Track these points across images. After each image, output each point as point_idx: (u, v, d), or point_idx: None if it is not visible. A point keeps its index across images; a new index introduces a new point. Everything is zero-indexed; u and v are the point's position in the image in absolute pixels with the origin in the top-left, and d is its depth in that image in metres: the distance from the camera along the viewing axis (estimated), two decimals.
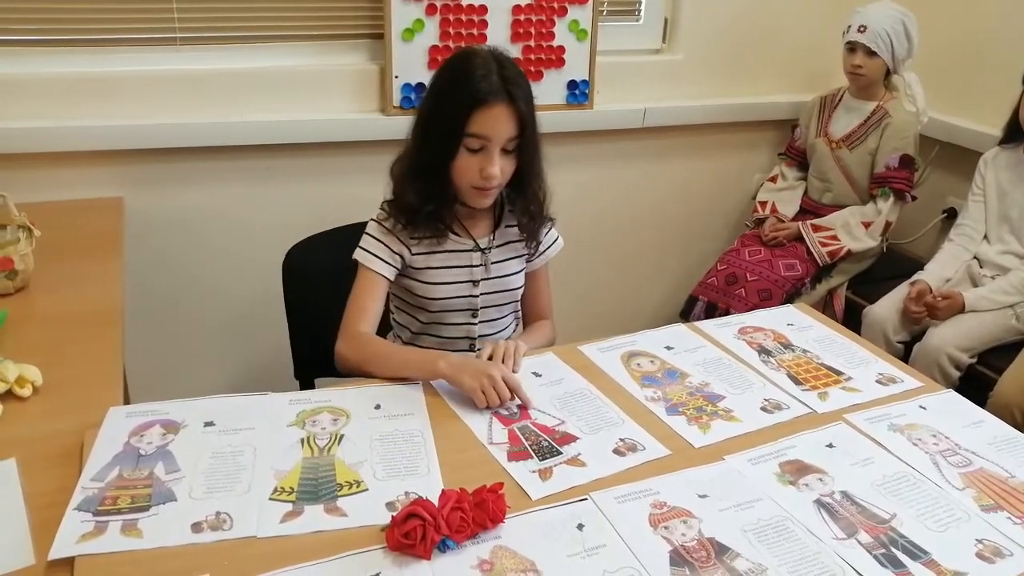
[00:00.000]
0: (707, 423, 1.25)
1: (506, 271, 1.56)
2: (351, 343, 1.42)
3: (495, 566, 0.96)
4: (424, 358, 1.35)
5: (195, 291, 2.24)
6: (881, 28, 2.34)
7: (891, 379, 1.41)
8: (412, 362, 1.36)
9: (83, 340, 1.40)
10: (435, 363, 1.31)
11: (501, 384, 1.26)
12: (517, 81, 1.38)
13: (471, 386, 1.26)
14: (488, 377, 1.26)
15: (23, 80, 1.92)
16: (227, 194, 2.17)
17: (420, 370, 1.33)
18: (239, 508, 1.02)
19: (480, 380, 1.26)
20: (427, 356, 1.36)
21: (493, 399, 1.25)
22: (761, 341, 1.51)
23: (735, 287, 2.42)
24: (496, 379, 1.26)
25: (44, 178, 1.97)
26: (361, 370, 1.39)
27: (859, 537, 1.03)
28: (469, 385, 1.26)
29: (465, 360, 1.31)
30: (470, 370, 1.28)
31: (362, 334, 1.43)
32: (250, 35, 2.11)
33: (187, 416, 1.19)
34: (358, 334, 1.42)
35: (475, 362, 1.31)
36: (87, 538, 0.95)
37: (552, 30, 2.30)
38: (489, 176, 1.39)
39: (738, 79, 2.67)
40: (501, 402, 1.26)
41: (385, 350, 1.41)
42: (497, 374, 1.26)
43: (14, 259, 1.51)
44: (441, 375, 1.30)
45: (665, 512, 1.05)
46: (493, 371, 1.26)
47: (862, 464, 1.18)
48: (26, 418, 1.19)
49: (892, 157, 2.41)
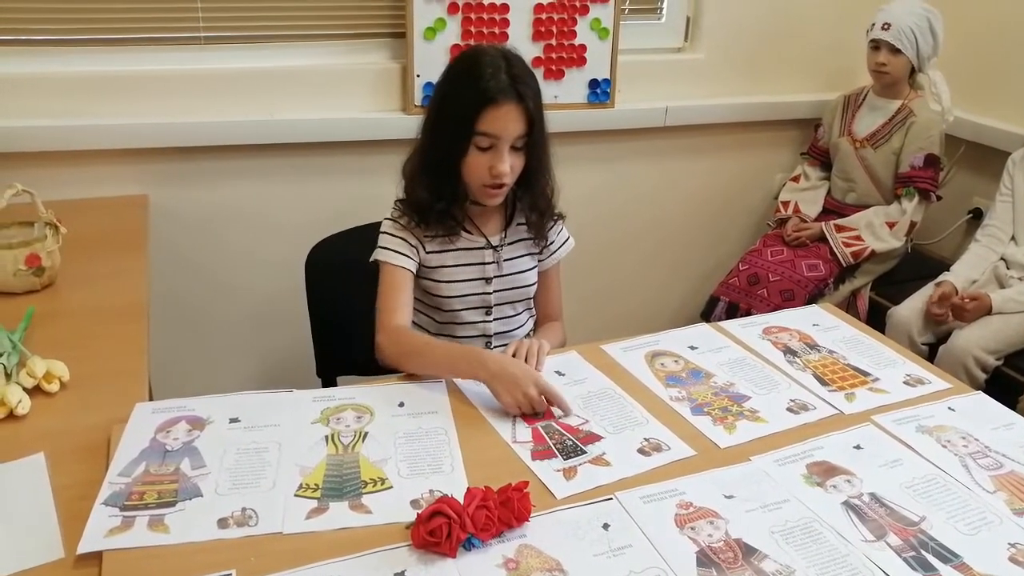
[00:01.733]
0: (732, 423, 1.24)
1: (519, 268, 1.56)
2: (390, 336, 1.40)
3: (520, 565, 0.95)
4: (462, 357, 1.33)
5: (217, 288, 2.25)
6: (906, 25, 2.31)
7: (919, 380, 1.39)
8: (451, 359, 1.34)
9: (109, 336, 1.41)
10: (473, 367, 1.29)
11: (538, 401, 1.24)
12: (525, 79, 1.38)
13: (507, 402, 1.24)
14: (525, 395, 1.23)
15: (50, 79, 1.94)
16: (250, 192, 2.19)
17: (460, 371, 1.32)
18: (265, 504, 1.02)
19: (516, 397, 1.24)
20: (465, 355, 1.33)
21: (528, 411, 1.24)
22: (786, 341, 1.50)
23: (757, 288, 2.40)
24: (533, 398, 1.23)
25: (70, 176, 1.99)
26: (399, 364, 1.37)
27: (888, 540, 1.02)
28: (505, 401, 1.24)
29: (503, 368, 1.27)
30: (508, 383, 1.25)
31: (400, 327, 1.42)
32: (273, 34, 2.13)
33: (212, 412, 1.20)
34: (396, 328, 1.41)
35: (512, 370, 1.26)
36: (115, 532, 0.96)
37: (574, 29, 2.30)
38: (499, 174, 1.39)
39: (760, 78, 2.65)
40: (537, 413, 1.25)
41: (423, 345, 1.41)
42: (534, 392, 1.24)
43: (41, 256, 1.52)
44: (479, 380, 1.29)
45: (691, 512, 1.05)
46: (530, 390, 1.23)
47: (890, 466, 1.16)
48: (54, 413, 1.20)
49: (917, 156, 2.38)
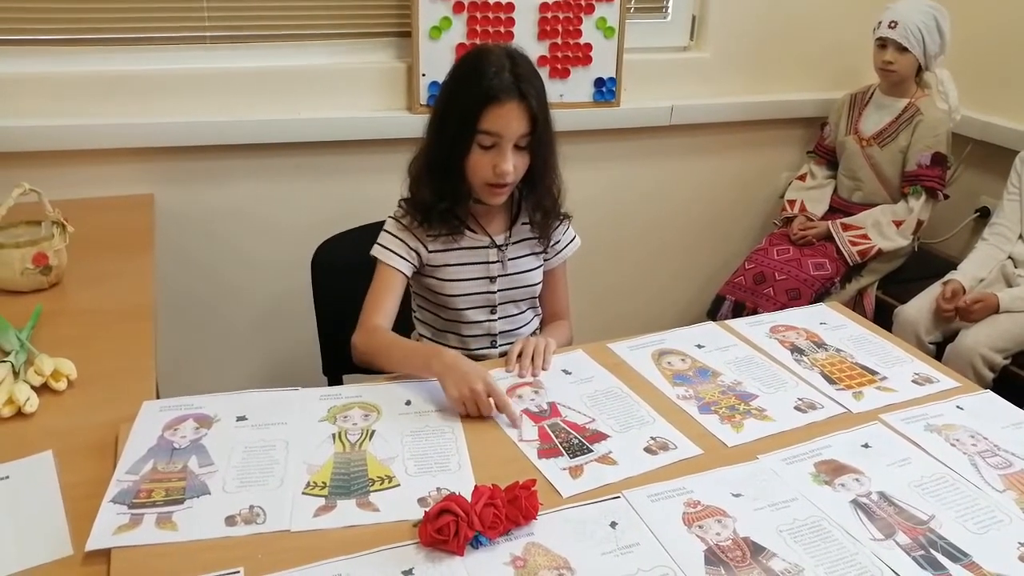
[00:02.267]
0: (740, 422, 1.24)
1: (523, 267, 1.56)
2: (364, 336, 1.42)
3: (528, 563, 0.95)
4: (417, 354, 1.34)
5: (222, 287, 2.25)
6: (913, 24, 2.30)
7: (927, 379, 1.39)
8: (409, 357, 1.34)
9: (116, 335, 1.42)
10: (429, 360, 1.29)
11: (483, 399, 1.21)
12: (529, 78, 1.37)
13: (453, 396, 1.23)
14: (471, 390, 1.21)
15: (57, 78, 1.94)
16: (256, 191, 2.19)
17: (416, 366, 1.32)
18: (272, 502, 1.02)
19: (462, 390, 1.22)
20: (422, 352, 1.34)
21: (473, 411, 1.22)
22: (794, 340, 1.49)
23: (763, 286, 2.39)
24: (478, 393, 1.21)
25: (76, 175, 2.00)
26: (369, 363, 1.39)
27: (897, 538, 1.01)
28: (451, 393, 1.23)
29: (456, 362, 1.27)
30: (456, 377, 1.24)
31: (376, 327, 1.42)
32: (279, 34, 2.13)
33: (219, 411, 1.20)
34: (372, 327, 1.42)
35: (464, 367, 1.26)
36: (123, 530, 0.96)
37: (579, 28, 2.29)
38: (502, 173, 1.39)
39: (766, 76, 2.64)
40: (482, 416, 1.22)
41: (389, 343, 1.40)
42: (481, 388, 1.21)
43: (48, 254, 1.53)
44: (433, 374, 1.28)
45: (699, 511, 1.04)
46: (477, 384, 1.22)
47: (899, 465, 1.16)
48: (61, 411, 1.21)
49: (924, 155, 2.38)
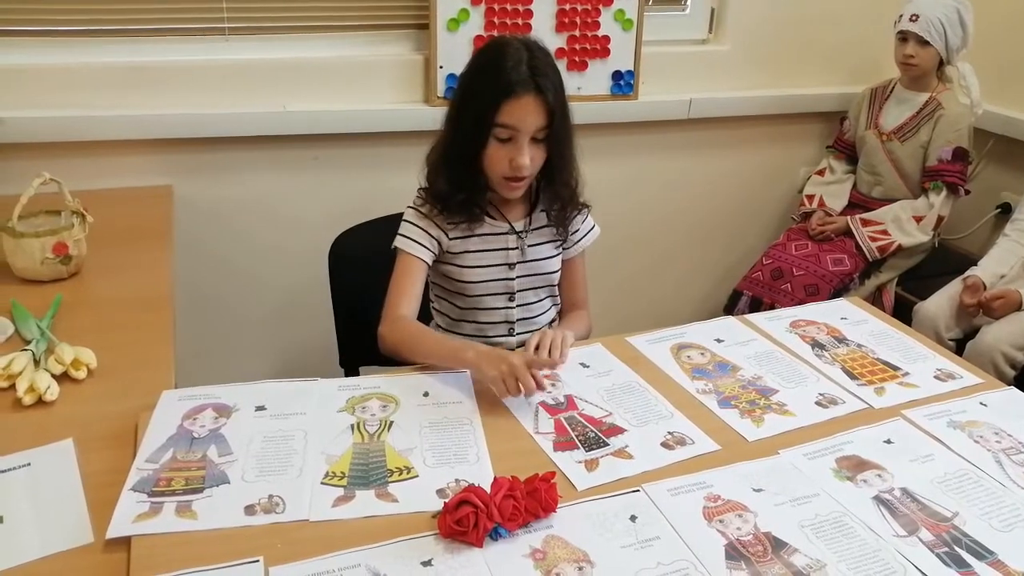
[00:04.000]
0: (760, 417, 1.23)
1: (541, 255, 1.56)
2: (391, 326, 1.41)
3: (547, 555, 0.95)
4: (451, 347, 1.34)
5: (240, 279, 2.26)
6: (934, 17, 2.28)
7: (949, 375, 1.37)
8: (440, 348, 1.34)
9: (135, 324, 1.42)
10: (461, 351, 1.29)
11: (523, 372, 1.20)
12: (546, 71, 1.36)
13: (491, 374, 1.22)
14: (508, 364, 1.20)
15: (77, 70, 1.95)
16: (274, 183, 2.19)
17: (448, 358, 1.32)
18: (291, 491, 1.02)
19: (500, 367, 1.21)
20: (454, 345, 1.35)
21: (513, 388, 1.20)
22: (814, 335, 1.48)
23: (781, 282, 2.38)
24: (517, 367, 1.20)
25: (96, 166, 2.00)
26: (397, 353, 1.39)
27: (920, 535, 1.00)
28: (490, 375, 1.22)
29: (491, 349, 1.28)
30: (493, 357, 1.24)
31: (402, 317, 1.42)
32: (297, 26, 2.13)
33: (239, 400, 1.20)
34: (398, 317, 1.42)
35: (500, 351, 1.27)
36: (143, 518, 0.97)
37: (597, 20, 2.28)
38: (518, 166, 1.38)
39: (785, 70, 2.62)
40: (524, 392, 1.21)
41: (418, 334, 1.40)
42: (519, 362, 1.20)
43: (68, 244, 1.54)
44: (467, 364, 1.28)
45: (719, 505, 1.03)
46: (515, 359, 1.21)
47: (921, 461, 1.14)
48: (82, 400, 1.21)
49: (945, 150, 2.35)
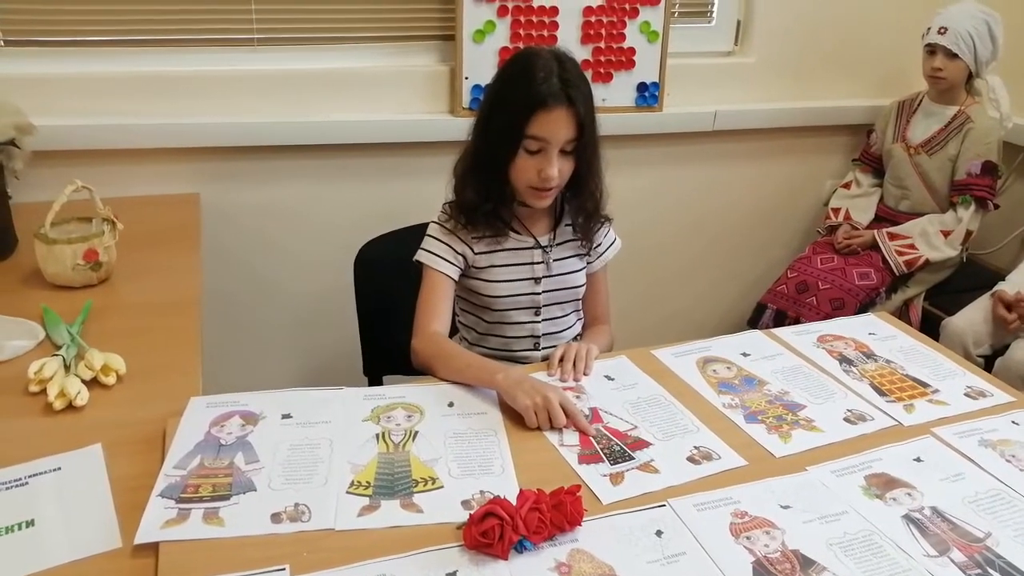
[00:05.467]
0: (788, 432, 1.22)
1: (567, 269, 1.56)
2: (425, 341, 1.42)
3: (573, 569, 0.94)
4: (484, 367, 1.32)
5: (265, 286, 2.27)
6: (963, 29, 2.26)
7: (980, 393, 1.35)
8: (472, 368, 1.33)
9: (163, 331, 1.43)
10: (494, 374, 1.27)
11: (557, 408, 1.19)
12: (577, 83, 1.36)
13: (524, 404, 1.20)
14: (543, 398, 1.20)
15: (108, 78, 1.98)
16: (300, 192, 2.21)
17: (478, 378, 1.30)
18: (317, 500, 1.02)
19: (534, 398, 1.20)
20: (487, 365, 1.32)
21: (544, 421, 1.19)
22: (842, 350, 1.47)
23: (806, 295, 2.36)
24: (551, 401, 1.19)
25: (126, 173, 2.03)
26: (429, 368, 1.39)
27: (952, 555, 0.98)
28: (523, 403, 1.20)
29: (525, 376, 1.27)
30: (526, 387, 1.22)
31: (435, 333, 1.43)
32: (324, 36, 2.15)
33: (265, 408, 1.21)
34: (432, 333, 1.43)
35: (534, 380, 1.25)
36: (170, 524, 0.97)
37: (623, 31, 2.28)
38: (547, 178, 1.38)
39: (812, 82, 2.60)
40: (553, 426, 1.19)
41: (450, 352, 1.39)
42: (554, 396, 1.20)
43: (99, 251, 1.55)
44: (497, 387, 1.26)
45: (746, 522, 1.02)
46: (550, 394, 1.20)
47: (952, 480, 1.13)
48: (111, 405, 1.22)
49: (974, 163, 2.32)
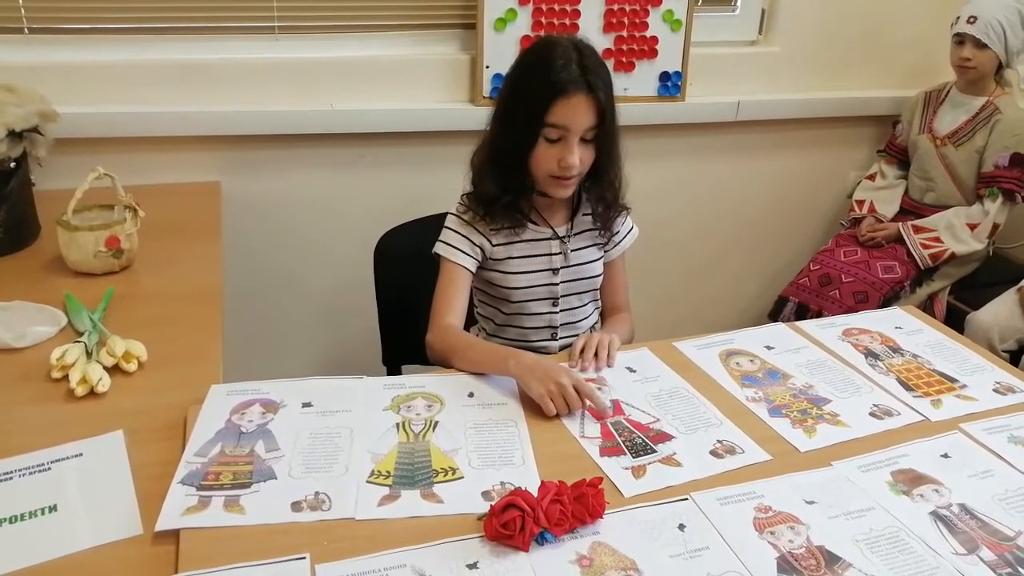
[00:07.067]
0: (812, 427, 1.20)
1: (585, 259, 1.55)
2: (440, 335, 1.41)
3: (594, 562, 0.93)
4: (495, 355, 1.31)
5: (285, 275, 2.28)
6: (993, 18, 2.22)
7: (1009, 388, 1.33)
8: (485, 358, 1.32)
9: (185, 318, 1.44)
10: (505, 361, 1.27)
11: (571, 391, 1.19)
12: (597, 71, 1.35)
13: (538, 392, 1.19)
14: (557, 384, 1.19)
15: (130, 67, 1.98)
16: (320, 181, 2.20)
17: (491, 367, 1.30)
18: (337, 489, 1.02)
19: (548, 386, 1.19)
20: (498, 353, 1.31)
21: (562, 407, 1.19)
22: (867, 344, 1.44)
23: (829, 288, 2.33)
24: (565, 386, 1.19)
25: (148, 161, 2.03)
26: (445, 361, 1.38)
27: (981, 554, 0.97)
28: (536, 391, 1.20)
29: (536, 362, 1.26)
30: (539, 374, 1.21)
31: (450, 326, 1.42)
32: (345, 25, 2.14)
33: (285, 396, 1.21)
34: (447, 326, 1.42)
35: (546, 365, 1.24)
36: (191, 511, 0.97)
37: (646, 20, 2.26)
38: (568, 166, 1.37)
39: (837, 72, 2.57)
40: (570, 411, 1.19)
41: (464, 343, 1.39)
42: (567, 381, 1.19)
43: (120, 238, 1.56)
44: (510, 374, 1.26)
45: (771, 517, 1.01)
46: (563, 378, 1.19)
47: (981, 476, 1.11)
48: (132, 392, 1.23)
49: (1002, 155, 2.28)
